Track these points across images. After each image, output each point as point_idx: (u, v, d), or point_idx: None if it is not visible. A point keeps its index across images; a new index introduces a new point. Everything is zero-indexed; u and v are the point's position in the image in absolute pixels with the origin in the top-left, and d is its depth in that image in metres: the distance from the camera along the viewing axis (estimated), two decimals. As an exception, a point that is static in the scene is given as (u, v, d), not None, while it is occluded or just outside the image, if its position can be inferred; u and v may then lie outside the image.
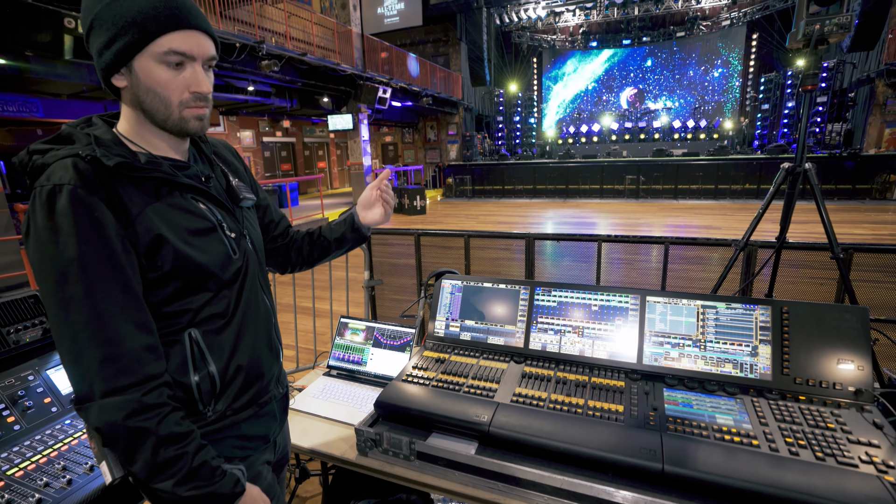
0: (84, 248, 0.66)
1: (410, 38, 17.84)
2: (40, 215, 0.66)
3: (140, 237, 0.72)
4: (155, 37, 0.70)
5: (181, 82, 0.74)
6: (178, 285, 0.77)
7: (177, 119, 0.76)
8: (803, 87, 1.42)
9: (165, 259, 0.74)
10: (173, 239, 0.75)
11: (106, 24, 0.70)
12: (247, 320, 0.87)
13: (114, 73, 0.73)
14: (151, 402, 0.70)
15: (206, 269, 0.79)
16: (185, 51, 0.73)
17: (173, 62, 0.73)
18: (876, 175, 10.95)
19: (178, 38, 0.72)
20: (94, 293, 0.67)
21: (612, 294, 1.33)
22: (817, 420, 1.00)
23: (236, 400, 0.85)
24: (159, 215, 0.74)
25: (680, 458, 0.92)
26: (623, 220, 9.98)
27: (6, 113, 7.97)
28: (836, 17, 1.30)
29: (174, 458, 0.70)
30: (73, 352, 0.67)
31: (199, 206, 0.81)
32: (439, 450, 1.08)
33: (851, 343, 1.10)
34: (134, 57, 0.71)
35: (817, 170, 1.59)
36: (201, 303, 0.80)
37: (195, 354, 0.80)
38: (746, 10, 16.14)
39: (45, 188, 0.67)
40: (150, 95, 0.74)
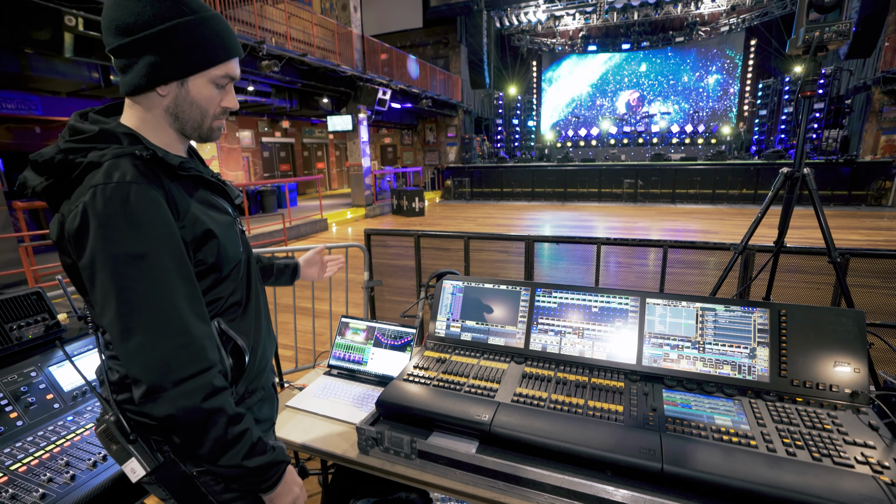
0: (156, 243, 0.69)
1: (410, 40, 17.89)
2: (107, 212, 0.67)
3: (189, 232, 0.76)
4: (218, 63, 0.78)
5: (219, 99, 0.82)
6: (217, 276, 0.82)
7: (206, 129, 0.84)
8: (802, 94, 1.44)
9: (210, 252, 0.79)
10: (217, 233, 0.80)
11: (170, 43, 0.74)
12: (257, 308, 0.94)
13: (161, 85, 0.76)
14: (220, 384, 0.74)
15: (237, 258, 0.86)
16: (234, 76, 0.82)
17: (223, 84, 0.81)
18: (872, 181, 11.04)
19: (233, 65, 0.81)
20: (165, 286, 0.70)
21: (612, 296, 1.35)
22: (814, 421, 1.02)
23: (252, 382, 0.91)
24: (201, 211, 0.79)
25: (679, 457, 0.93)
26: (621, 224, 10.02)
27: (5, 110, 7.94)
28: (836, 24, 1.32)
29: (240, 434, 0.75)
30: (144, 344, 0.69)
31: (220, 202, 0.88)
32: (440, 448, 1.09)
33: (848, 346, 1.11)
34: (191, 75, 0.77)
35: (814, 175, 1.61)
36: (229, 292, 0.86)
37: (224, 340, 0.84)
38: (745, 17, 16.26)
39: (108, 185, 0.68)
40: (193, 108, 0.80)
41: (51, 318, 1.28)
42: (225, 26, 0.79)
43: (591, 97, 19.72)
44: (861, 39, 10.82)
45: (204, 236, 0.78)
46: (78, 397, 1.22)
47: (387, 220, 11.83)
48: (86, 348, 1.29)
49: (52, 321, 1.27)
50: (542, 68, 20.11)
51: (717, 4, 15.77)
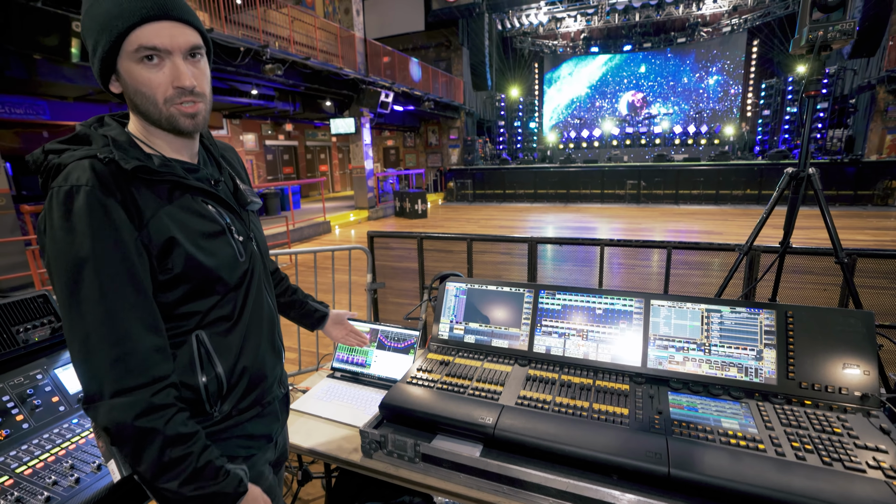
0: (99, 249, 0.67)
1: (413, 42, 17.94)
2: (56, 215, 0.66)
3: (153, 239, 0.72)
4: (124, 36, 0.68)
5: (162, 79, 0.72)
6: (188, 288, 0.77)
7: (166, 117, 0.74)
8: (806, 93, 1.43)
9: (176, 261, 0.74)
10: (185, 242, 0.75)
11: (87, 31, 0.71)
12: (252, 323, 0.87)
13: (108, 81, 0.74)
14: (160, 402, 0.70)
15: (215, 272, 0.79)
16: (155, 45, 0.69)
17: (146, 57, 0.70)
18: (877, 181, 10.95)
19: (147, 32, 0.69)
20: (107, 294, 0.67)
21: (617, 297, 1.34)
22: (823, 425, 1.01)
23: (241, 400, 0.86)
24: (172, 218, 0.75)
25: (685, 461, 0.92)
26: (624, 225, 9.99)
27: (13, 115, 8.02)
28: (839, 23, 1.31)
29: (180, 458, 0.70)
30: (83, 351, 0.67)
31: (208, 209, 0.82)
32: (444, 452, 1.08)
33: (857, 348, 1.10)
34: (116, 61, 0.71)
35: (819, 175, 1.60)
36: (209, 305, 0.80)
37: (202, 356, 0.80)
38: (747, 17, 16.22)
39: (62, 189, 0.67)
40: (139, 97, 0.73)
41: (57, 320, 1.28)
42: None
43: (591, 98, 19.73)
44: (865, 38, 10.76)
45: (168, 244, 0.73)
46: (83, 400, 1.22)
47: (390, 223, 11.85)
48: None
49: (58, 324, 1.27)
50: (543, 70, 20.14)
51: (718, 5, 15.74)
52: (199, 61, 0.76)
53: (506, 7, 16.33)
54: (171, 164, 0.78)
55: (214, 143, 0.95)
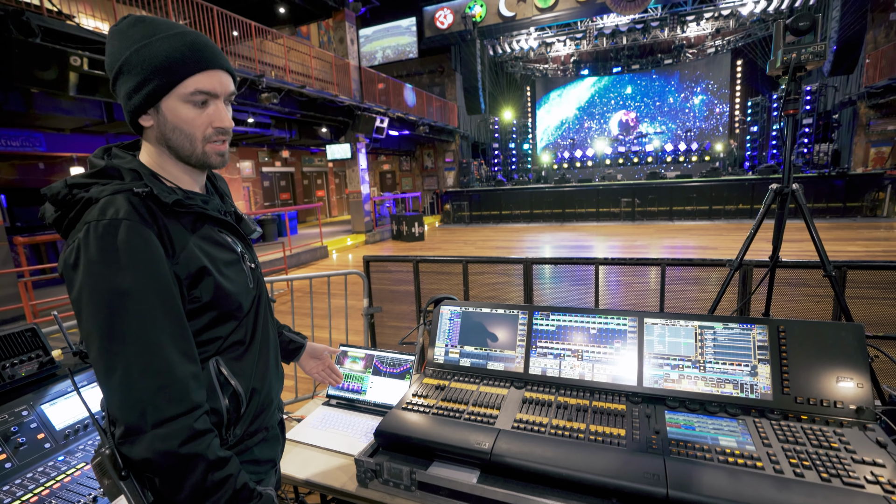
0: (142, 281, 0.68)
1: (407, 69, 18.41)
2: (95, 248, 0.67)
3: (184, 269, 0.74)
4: (182, 79, 0.74)
5: (205, 119, 0.78)
6: (214, 315, 0.79)
7: (200, 155, 0.80)
8: (786, 112, 1.48)
9: (205, 290, 0.77)
10: (213, 270, 0.78)
11: (135, 69, 0.73)
12: (261, 347, 0.90)
13: (142, 115, 0.77)
14: (201, 428, 0.71)
15: (237, 299, 0.82)
16: (209, 90, 0.77)
17: (199, 101, 0.77)
18: (865, 193, 11.13)
19: (203, 78, 0.76)
20: (149, 325, 0.69)
21: (611, 317, 1.34)
22: (820, 440, 1.00)
23: (251, 424, 0.87)
24: (198, 248, 0.78)
25: (684, 482, 0.91)
26: (621, 243, 10.04)
27: (10, 148, 8.10)
28: (812, 45, 1.37)
29: (221, 481, 0.72)
30: (124, 383, 0.67)
31: (226, 239, 0.85)
32: (441, 479, 1.06)
33: (849, 360, 1.10)
34: (161, 99, 0.75)
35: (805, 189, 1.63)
36: (229, 331, 0.83)
37: (221, 381, 0.81)
38: (730, 38, 16.80)
39: (101, 223, 0.68)
40: (177, 133, 0.77)
41: (45, 354, 1.27)
42: (190, 40, 0.75)
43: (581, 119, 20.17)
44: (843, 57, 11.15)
45: (199, 273, 0.76)
46: (70, 436, 1.19)
47: (387, 246, 11.87)
48: (80, 384, 1.27)
49: (46, 358, 1.26)
50: (535, 93, 20.63)
51: (701, 28, 16.31)
52: (229, 106, 0.84)
53: (497, 34, 16.87)
54: (193, 196, 0.81)
55: (216, 175, 0.99)
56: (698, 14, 15.55)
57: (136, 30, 0.74)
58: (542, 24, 16.20)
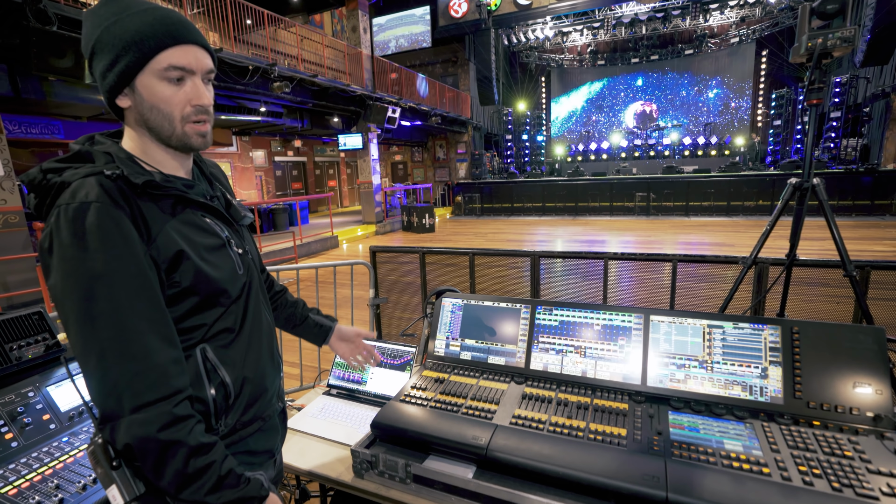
0: (114, 264, 0.67)
1: (420, 59, 18.26)
2: (66, 233, 0.66)
3: (161, 253, 0.73)
4: (154, 54, 0.72)
5: (182, 97, 0.76)
6: (196, 301, 0.78)
7: (180, 135, 0.78)
8: (808, 102, 1.40)
9: (185, 274, 0.75)
10: (192, 254, 0.76)
11: (107, 47, 0.72)
12: (252, 334, 0.88)
13: (118, 94, 0.75)
14: (182, 413, 0.70)
15: (221, 284, 0.80)
16: (184, 65, 0.75)
17: (174, 77, 0.74)
18: (895, 191, 10.71)
19: (177, 53, 0.74)
20: (123, 308, 0.67)
21: (615, 313, 1.30)
22: (833, 447, 0.95)
23: (244, 413, 0.85)
24: (178, 232, 0.76)
25: (685, 486, 0.88)
26: (634, 238, 9.88)
27: (29, 135, 8.30)
28: (840, 30, 1.29)
29: (204, 468, 0.70)
30: (100, 368, 0.66)
31: (208, 223, 0.83)
32: (436, 473, 1.05)
33: (868, 365, 1.05)
34: (136, 76, 0.73)
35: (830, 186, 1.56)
36: (214, 317, 0.81)
37: (208, 369, 0.80)
38: (755, 28, 16.21)
39: (70, 206, 0.67)
40: (154, 112, 0.75)
41: (51, 337, 1.29)
42: (161, 15, 0.74)
43: (599, 111, 19.78)
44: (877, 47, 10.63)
45: (176, 257, 0.74)
46: (74, 417, 1.21)
47: (397, 237, 11.89)
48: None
49: (52, 341, 1.28)
50: (550, 84, 20.29)
51: (725, 17, 15.77)
52: (209, 84, 0.82)
53: (512, 22, 16.57)
54: (172, 180, 0.79)
55: (204, 160, 0.97)
56: (722, 2, 15.03)
57: (107, 8, 0.73)
58: (558, 12, 15.85)
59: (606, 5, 15.61)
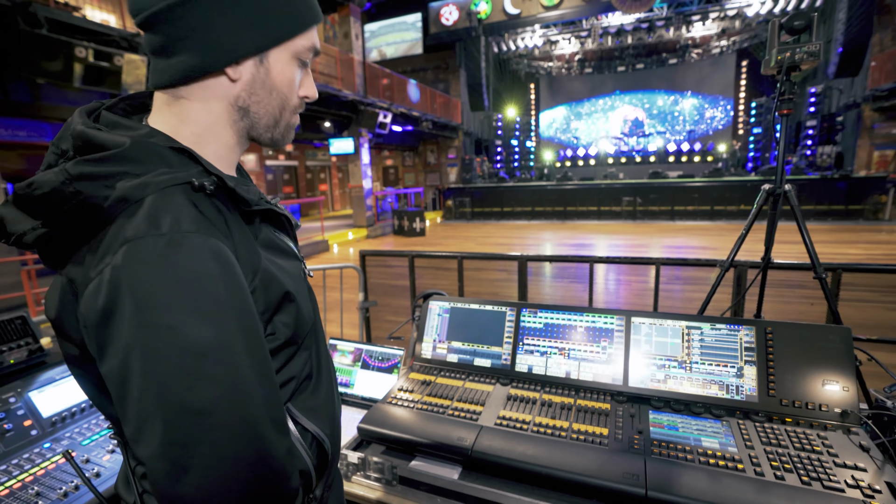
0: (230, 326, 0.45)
1: (411, 65, 18.36)
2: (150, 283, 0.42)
3: (263, 297, 0.53)
4: (307, 28, 0.58)
5: (303, 86, 0.62)
6: (293, 351, 0.59)
7: (283, 128, 0.62)
8: (780, 112, 1.47)
9: (286, 321, 0.56)
10: (296, 294, 0.57)
11: (259, 4, 0.53)
12: (327, 376, 0.70)
13: (242, 60, 0.54)
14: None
15: (312, 319, 0.64)
16: (318, 48, 0.62)
17: (306, 61, 0.60)
18: (868, 196, 11.05)
19: (315, 35, 0.60)
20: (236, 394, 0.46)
21: (598, 315, 1.33)
22: (803, 443, 0.99)
23: (328, 476, 0.69)
24: (271, 262, 0.56)
25: (663, 483, 0.91)
26: (622, 241, 10.02)
27: (16, 138, 8.17)
28: (806, 45, 1.36)
29: None
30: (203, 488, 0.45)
31: (283, 241, 0.64)
32: (422, 474, 1.06)
33: (836, 364, 1.09)
34: (273, 47, 0.56)
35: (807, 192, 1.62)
36: (301, 366, 0.62)
37: (299, 430, 0.61)
38: (735, 39, 16.66)
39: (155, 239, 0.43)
40: (274, 96, 0.58)
41: (34, 342, 1.27)
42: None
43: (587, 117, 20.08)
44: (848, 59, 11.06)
45: (281, 301, 0.55)
46: (57, 423, 1.20)
47: (388, 241, 11.88)
48: (68, 373, 1.28)
49: (35, 345, 1.27)
50: (539, 90, 20.54)
51: (707, 28, 16.17)
52: None
53: (501, 31, 16.78)
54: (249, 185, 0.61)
55: None
56: (704, 14, 15.42)
57: None
58: (547, 21, 16.10)
59: (593, 16, 15.90)
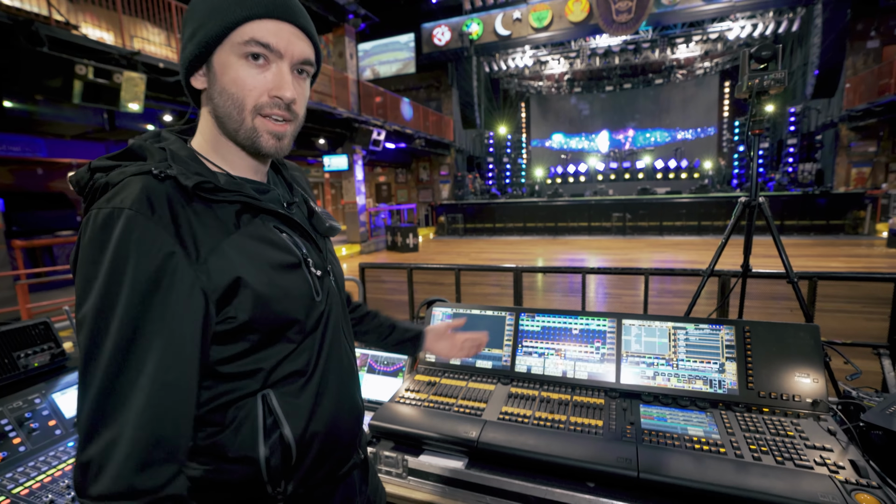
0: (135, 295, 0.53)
1: (404, 83, 18.74)
2: (90, 244, 0.54)
3: (213, 279, 0.58)
4: (238, 24, 0.60)
5: (260, 82, 0.62)
6: (256, 339, 0.63)
7: (248, 129, 0.64)
8: (752, 132, 1.62)
9: (242, 307, 0.60)
10: (254, 281, 0.61)
11: (196, 14, 0.62)
12: (329, 377, 0.72)
13: (194, 72, 0.64)
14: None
15: (289, 315, 0.65)
16: (267, 42, 0.61)
17: (252, 53, 0.61)
18: (847, 211, 11.46)
19: (263, 27, 0.61)
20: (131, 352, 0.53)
21: (591, 318, 1.43)
22: (778, 429, 1.09)
23: (310, 476, 0.70)
24: (238, 250, 0.61)
25: (653, 465, 0.99)
26: (612, 256, 10.20)
27: (10, 153, 8.18)
28: (773, 73, 1.52)
29: None
30: (83, 412, 0.53)
31: (282, 237, 0.68)
32: (431, 466, 1.14)
33: (807, 359, 1.20)
34: (215, 49, 0.62)
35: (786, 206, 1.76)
36: (279, 358, 0.65)
37: (268, 424, 0.64)
38: (718, 61, 17.33)
39: (102, 211, 0.54)
40: (224, 97, 0.62)
41: (56, 346, 1.33)
42: None
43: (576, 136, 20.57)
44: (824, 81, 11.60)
45: (232, 286, 0.59)
46: (79, 424, 1.26)
47: (381, 256, 11.94)
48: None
49: (57, 350, 1.33)
50: (530, 108, 21.04)
51: (690, 50, 16.81)
52: (303, 80, 0.68)
53: (493, 51, 17.27)
54: (238, 182, 0.66)
55: (285, 163, 0.84)
56: (687, 37, 16.06)
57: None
58: (536, 43, 16.63)
59: (581, 37, 16.47)
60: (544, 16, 15.57)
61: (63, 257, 7.76)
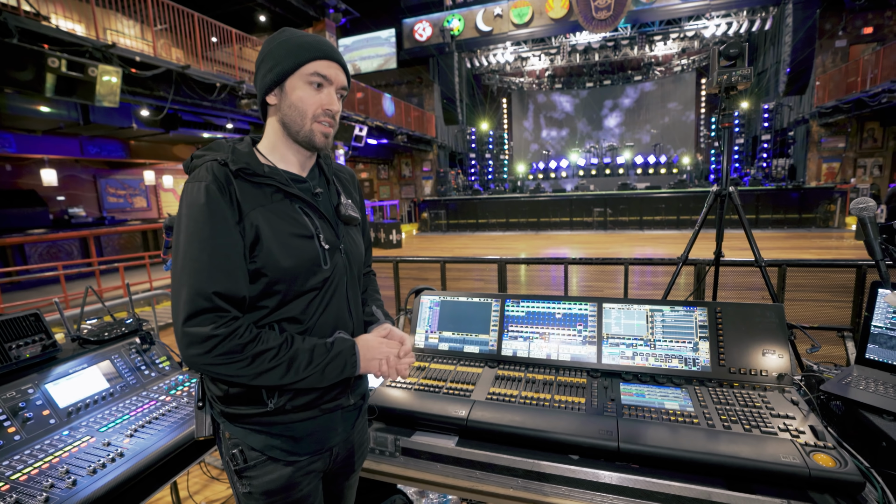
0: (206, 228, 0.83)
1: (386, 79, 18.61)
2: (184, 202, 0.85)
3: (245, 231, 0.86)
4: (305, 62, 0.90)
5: (317, 100, 0.92)
6: (266, 281, 0.88)
7: (307, 132, 0.93)
8: (722, 125, 1.70)
9: (260, 256, 0.87)
10: (268, 240, 0.87)
11: (271, 56, 0.92)
12: (325, 331, 0.95)
13: (270, 92, 0.93)
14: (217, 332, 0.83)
15: (294, 272, 0.89)
16: (325, 74, 0.92)
17: (315, 83, 0.92)
18: (818, 205, 11.93)
19: (322, 65, 0.92)
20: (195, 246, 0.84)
21: (573, 303, 1.50)
22: (747, 401, 1.17)
23: (295, 398, 0.92)
24: (264, 218, 0.88)
25: (632, 436, 1.07)
26: (593, 250, 10.39)
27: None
28: (740, 70, 1.61)
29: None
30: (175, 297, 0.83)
31: (301, 216, 0.93)
32: (423, 444, 1.19)
33: (772, 336, 1.29)
34: (287, 77, 0.91)
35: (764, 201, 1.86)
36: (275, 303, 0.90)
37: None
38: (694, 58, 17.75)
39: (190, 183, 0.86)
40: (293, 109, 0.92)
41: (47, 337, 1.33)
42: (317, 38, 0.93)
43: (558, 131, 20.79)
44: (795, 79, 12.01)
45: (256, 238, 0.87)
46: (72, 413, 1.26)
47: (365, 252, 11.88)
48: (80, 367, 1.34)
49: (48, 341, 1.32)
50: (511, 104, 21.17)
51: (668, 48, 17.17)
52: (341, 99, 0.98)
53: (474, 47, 17.30)
54: (277, 172, 0.93)
55: (330, 163, 1.11)
56: (665, 34, 16.40)
57: (280, 34, 0.94)
58: (517, 39, 16.73)
59: (561, 34, 16.64)
60: (525, 12, 15.68)
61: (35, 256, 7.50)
